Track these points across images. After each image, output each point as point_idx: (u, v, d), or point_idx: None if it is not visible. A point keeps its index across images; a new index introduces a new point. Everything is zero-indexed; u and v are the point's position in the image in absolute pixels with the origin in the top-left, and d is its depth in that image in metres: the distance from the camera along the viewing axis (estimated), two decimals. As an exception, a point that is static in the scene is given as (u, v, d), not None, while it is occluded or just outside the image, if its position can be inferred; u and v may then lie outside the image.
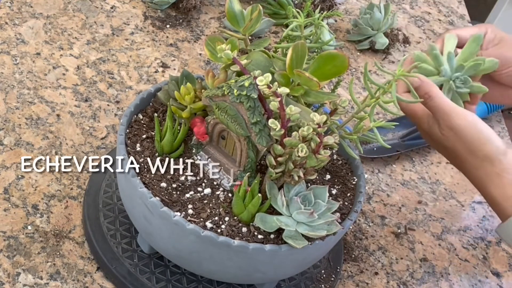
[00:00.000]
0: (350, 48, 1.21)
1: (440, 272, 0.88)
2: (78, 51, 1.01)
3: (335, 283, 0.80)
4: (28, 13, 1.04)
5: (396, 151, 1.01)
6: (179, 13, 1.14)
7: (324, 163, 0.65)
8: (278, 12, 1.19)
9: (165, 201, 0.66)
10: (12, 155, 0.83)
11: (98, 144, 0.88)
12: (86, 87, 0.96)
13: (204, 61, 1.07)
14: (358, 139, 0.71)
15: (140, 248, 0.75)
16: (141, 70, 1.01)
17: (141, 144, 0.71)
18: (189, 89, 0.71)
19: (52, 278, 0.73)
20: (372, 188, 0.96)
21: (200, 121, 0.71)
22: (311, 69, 0.68)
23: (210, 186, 0.69)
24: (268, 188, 0.66)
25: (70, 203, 0.80)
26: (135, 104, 0.73)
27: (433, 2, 1.42)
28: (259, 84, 0.62)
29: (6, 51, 0.97)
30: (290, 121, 0.63)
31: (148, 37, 1.08)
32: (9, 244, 0.74)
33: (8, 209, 0.77)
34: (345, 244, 0.86)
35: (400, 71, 0.66)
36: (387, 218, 0.93)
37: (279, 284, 0.78)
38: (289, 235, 0.64)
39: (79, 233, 0.77)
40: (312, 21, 0.73)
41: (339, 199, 0.72)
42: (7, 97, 0.90)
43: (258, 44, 0.72)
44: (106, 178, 0.81)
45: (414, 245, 0.90)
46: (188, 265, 0.70)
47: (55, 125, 0.89)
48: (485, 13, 2.34)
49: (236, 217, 0.66)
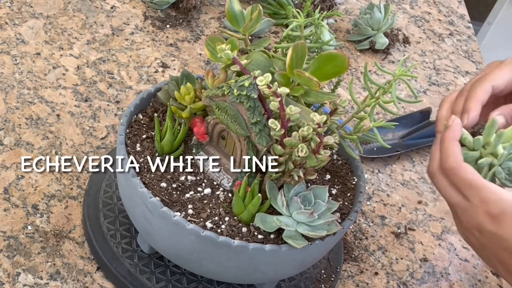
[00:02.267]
0: (350, 48, 1.21)
1: (440, 272, 0.88)
2: (78, 51, 1.01)
3: (335, 283, 0.80)
4: (28, 13, 1.04)
5: (396, 151, 1.01)
6: (179, 13, 1.14)
7: (324, 163, 0.65)
8: (278, 12, 1.19)
9: (165, 201, 0.66)
10: (12, 155, 0.83)
11: (98, 144, 0.88)
12: (86, 87, 0.96)
13: (204, 61, 1.07)
14: (358, 139, 0.71)
15: (140, 248, 0.75)
16: (141, 70, 1.01)
17: (141, 144, 0.71)
18: (189, 89, 0.71)
19: (52, 278, 0.73)
20: (372, 188, 0.96)
21: (200, 121, 0.71)
22: (311, 69, 0.68)
23: (210, 186, 0.69)
24: (268, 188, 0.66)
25: (70, 203, 0.80)
26: (135, 104, 0.73)
27: (433, 2, 1.42)
28: (259, 84, 0.62)
29: (6, 51, 0.97)
30: (290, 121, 0.63)
31: (148, 37, 1.08)
32: (9, 244, 0.74)
33: (8, 209, 0.77)
34: (345, 244, 0.86)
35: (400, 71, 0.66)
36: (387, 218, 0.93)
37: (279, 284, 0.78)
38: (289, 235, 0.64)
39: (79, 233, 0.77)
40: (312, 21, 0.73)
41: (339, 199, 0.72)
42: (7, 97, 0.90)
43: (258, 44, 0.72)
44: (106, 178, 0.81)
45: (414, 245, 0.90)
46: (188, 265, 0.70)
47: (55, 125, 0.89)
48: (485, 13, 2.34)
49: (236, 217, 0.66)
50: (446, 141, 0.63)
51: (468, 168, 0.62)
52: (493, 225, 0.60)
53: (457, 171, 0.61)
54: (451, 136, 0.63)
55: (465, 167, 0.62)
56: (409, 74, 0.66)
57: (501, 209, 0.59)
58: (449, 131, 0.63)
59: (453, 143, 0.63)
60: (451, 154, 0.62)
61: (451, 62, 1.27)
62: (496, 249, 0.61)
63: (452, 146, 0.63)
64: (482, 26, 2.31)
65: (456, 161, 0.62)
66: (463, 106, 0.67)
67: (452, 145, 0.63)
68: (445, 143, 0.63)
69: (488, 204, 0.60)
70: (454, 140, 0.63)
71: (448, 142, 0.63)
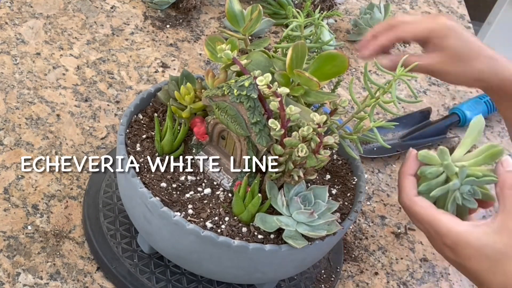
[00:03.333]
0: (350, 48, 1.21)
1: (440, 272, 0.88)
2: (78, 51, 1.01)
3: (335, 283, 0.80)
4: (28, 13, 1.04)
5: (396, 151, 1.01)
6: (179, 13, 1.14)
7: (324, 163, 0.65)
8: (278, 12, 1.19)
9: (165, 201, 0.66)
10: (12, 155, 0.83)
11: (98, 144, 0.88)
12: (86, 87, 0.96)
13: (204, 61, 1.07)
14: (358, 139, 0.71)
15: (140, 248, 0.75)
16: (141, 70, 1.01)
17: (141, 144, 0.71)
18: (189, 89, 0.71)
19: (52, 278, 0.73)
20: (372, 188, 0.96)
21: (200, 121, 0.71)
22: (311, 69, 0.68)
23: (210, 186, 0.69)
24: (268, 188, 0.66)
25: (70, 203, 0.80)
26: (135, 104, 0.73)
27: (433, 2, 1.42)
28: (259, 84, 0.62)
29: (6, 51, 0.97)
30: (290, 121, 0.63)
31: (148, 37, 1.08)
32: (9, 244, 0.74)
33: (8, 209, 0.77)
34: (345, 244, 0.86)
35: (400, 71, 0.66)
36: (387, 218, 0.93)
37: (279, 284, 0.78)
38: (289, 235, 0.64)
39: (79, 233, 0.77)
40: (312, 21, 0.73)
41: (339, 199, 0.72)
42: (7, 97, 0.90)
43: (258, 44, 0.72)
44: (106, 178, 0.81)
45: (414, 245, 0.90)
46: (188, 265, 0.70)
47: (55, 125, 0.89)
48: (485, 13, 2.34)
49: (236, 217, 0.66)
50: (399, 177, 0.66)
51: (420, 202, 0.64)
52: (451, 254, 0.62)
53: (410, 207, 0.64)
54: (405, 171, 0.66)
55: (416, 202, 0.64)
56: (409, 74, 0.66)
57: (452, 241, 0.61)
58: (403, 166, 0.66)
59: (405, 178, 0.65)
60: (403, 190, 0.65)
61: (451, 62, 1.27)
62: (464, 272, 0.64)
63: (404, 181, 0.65)
64: (482, 26, 2.31)
65: (408, 197, 0.65)
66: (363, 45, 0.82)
67: (404, 180, 0.65)
68: (399, 179, 0.66)
69: (442, 236, 0.62)
70: (406, 175, 0.65)
71: (401, 178, 0.66)
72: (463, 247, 0.61)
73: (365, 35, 0.85)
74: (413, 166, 0.65)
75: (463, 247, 0.61)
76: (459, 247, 0.61)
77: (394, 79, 0.66)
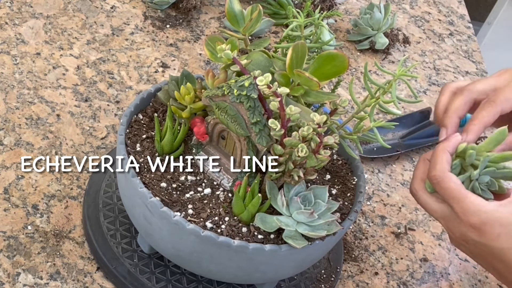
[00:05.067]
0: (350, 48, 1.21)
1: (440, 272, 0.88)
2: (78, 51, 1.01)
3: (335, 283, 0.80)
4: (28, 13, 1.04)
5: (396, 151, 1.01)
6: (179, 13, 1.14)
7: (324, 163, 0.65)
8: (278, 12, 1.19)
9: (165, 201, 0.66)
10: (12, 155, 0.83)
11: (98, 144, 0.88)
12: (86, 87, 0.96)
13: (204, 61, 1.07)
14: (358, 139, 0.71)
15: (140, 248, 0.75)
16: (141, 70, 1.01)
17: (141, 144, 0.71)
18: (189, 89, 0.71)
19: (52, 278, 0.73)
20: (372, 188, 0.96)
21: (200, 121, 0.71)
22: (311, 69, 0.68)
23: (210, 186, 0.69)
24: (268, 188, 0.66)
25: (70, 203, 0.80)
26: (135, 104, 0.73)
27: (433, 2, 1.42)
28: (259, 84, 0.62)
29: (6, 51, 0.97)
30: (290, 121, 0.63)
31: (148, 37, 1.08)
32: (9, 244, 0.74)
33: (8, 209, 0.77)
34: (345, 244, 0.86)
35: (400, 71, 0.66)
36: (387, 218, 0.93)
37: (279, 284, 0.78)
38: (289, 235, 0.64)
39: (79, 233, 0.77)
40: (312, 21, 0.73)
41: (339, 199, 0.72)
42: (7, 97, 0.90)
43: (258, 44, 0.72)
44: (106, 178, 0.81)
45: (414, 245, 0.90)
46: (188, 265, 0.70)
47: (55, 125, 0.89)
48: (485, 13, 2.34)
49: (236, 217, 0.66)
50: (437, 150, 0.66)
51: (452, 178, 0.64)
52: (475, 234, 0.63)
53: (442, 179, 0.64)
54: (444, 146, 0.66)
55: (449, 177, 0.64)
56: (409, 74, 0.66)
57: (480, 220, 0.62)
58: (444, 142, 0.66)
59: (443, 153, 0.65)
60: (439, 163, 0.65)
61: (451, 62, 1.27)
62: (484, 256, 0.64)
63: (441, 156, 0.65)
64: (482, 26, 2.31)
65: (441, 169, 0.64)
66: (467, 126, 0.68)
67: (441, 154, 0.65)
68: (436, 152, 0.66)
69: (469, 215, 0.62)
70: (445, 150, 0.65)
71: (438, 151, 0.66)
72: (492, 226, 0.61)
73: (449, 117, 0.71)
74: (453, 145, 0.65)
75: (491, 225, 0.61)
76: (488, 226, 0.61)
77: (394, 79, 0.66)
